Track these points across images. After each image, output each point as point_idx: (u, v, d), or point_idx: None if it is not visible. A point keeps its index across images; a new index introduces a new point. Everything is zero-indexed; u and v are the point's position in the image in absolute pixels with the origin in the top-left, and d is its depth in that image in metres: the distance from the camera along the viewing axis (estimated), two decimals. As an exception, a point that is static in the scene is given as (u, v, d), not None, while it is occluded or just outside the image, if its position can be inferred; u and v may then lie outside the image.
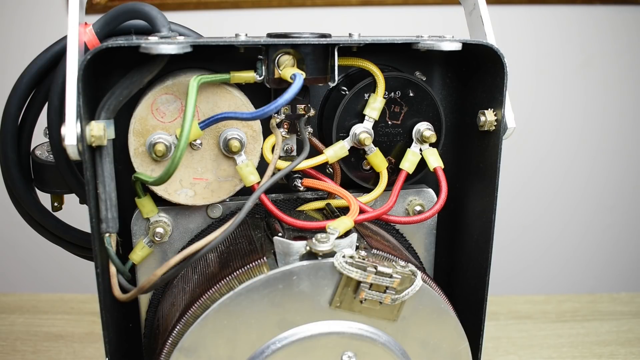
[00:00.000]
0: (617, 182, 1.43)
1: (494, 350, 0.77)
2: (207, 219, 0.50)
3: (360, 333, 0.42)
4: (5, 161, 0.53)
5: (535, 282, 1.47)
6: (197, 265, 0.48)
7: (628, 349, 0.78)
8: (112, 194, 0.42)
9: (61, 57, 0.49)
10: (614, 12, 1.32)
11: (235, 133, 0.46)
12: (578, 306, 0.89)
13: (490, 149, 0.49)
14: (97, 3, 1.18)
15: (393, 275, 0.40)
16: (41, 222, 0.55)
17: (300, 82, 0.42)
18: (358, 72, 0.51)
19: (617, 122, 1.39)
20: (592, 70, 1.35)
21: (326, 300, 0.41)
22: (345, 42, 0.45)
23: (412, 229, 0.55)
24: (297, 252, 0.41)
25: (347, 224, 0.43)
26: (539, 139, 1.37)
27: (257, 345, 0.41)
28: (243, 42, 0.43)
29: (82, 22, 0.45)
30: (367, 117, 0.49)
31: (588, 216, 1.45)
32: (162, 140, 0.45)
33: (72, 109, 0.40)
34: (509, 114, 0.48)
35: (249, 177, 0.46)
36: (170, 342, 0.42)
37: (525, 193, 1.40)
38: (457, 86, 0.54)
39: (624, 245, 1.47)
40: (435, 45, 0.45)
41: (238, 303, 0.40)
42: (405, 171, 0.51)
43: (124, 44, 0.40)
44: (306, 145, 0.46)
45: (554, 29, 1.32)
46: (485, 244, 0.50)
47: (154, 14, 0.46)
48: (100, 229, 0.42)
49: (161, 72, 0.44)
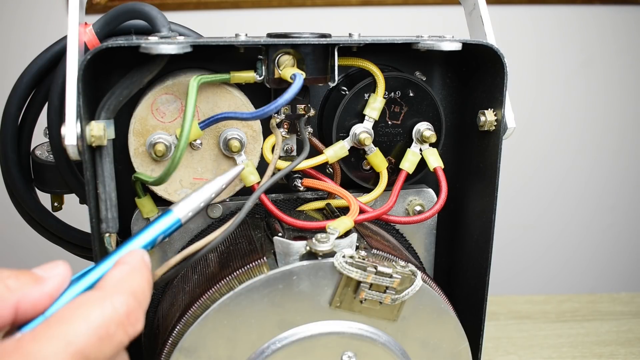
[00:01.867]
0: (617, 182, 1.43)
1: (494, 350, 0.77)
2: (207, 219, 0.50)
3: (360, 333, 0.42)
4: (5, 161, 0.53)
5: (535, 282, 1.47)
6: (197, 265, 0.48)
7: (628, 349, 0.78)
8: (112, 194, 0.42)
9: (61, 57, 0.49)
10: (614, 12, 1.32)
11: (235, 133, 0.46)
12: (578, 306, 0.89)
13: (490, 149, 0.49)
14: (97, 3, 1.18)
15: (393, 275, 0.40)
16: (41, 222, 0.55)
17: (300, 82, 0.42)
18: (358, 72, 0.51)
19: (617, 122, 1.39)
20: (592, 70, 1.35)
21: (326, 300, 0.41)
22: (345, 42, 0.45)
23: (412, 229, 0.55)
24: (297, 252, 0.41)
25: (347, 224, 0.43)
26: (539, 139, 1.37)
27: (257, 345, 0.41)
28: (243, 42, 0.43)
29: (82, 22, 0.45)
30: (367, 117, 0.49)
31: (588, 216, 1.45)
32: (162, 140, 0.45)
33: (72, 109, 0.40)
34: (509, 114, 0.48)
35: (249, 177, 0.46)
36: (170, 342, 0.42)
37: (525, 193, 1.40)
38: (457, 86, 0.54)
39: (624, 245, 1.47)
40: (435, 45, 0.45)
41: (238, 303, 0.40)
42: (405, 171, 0.51)
43: (124, 44, 0.40)
44: (306, 145, 0.46)
45: (554, 29, 1.32)
46: (485, 244, 0.50)
47: (154, 14, 0.46)
48: (100, 229, 0.42)
49: (161, 72, 0.44)
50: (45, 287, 0.31)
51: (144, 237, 0.37)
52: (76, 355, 0.28)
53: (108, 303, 0.30)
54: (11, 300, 0.29)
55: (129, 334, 0.31)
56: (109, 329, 0.29)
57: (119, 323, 0.30)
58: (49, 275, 0.31)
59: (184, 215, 0.39)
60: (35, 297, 0.30)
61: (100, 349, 0.29)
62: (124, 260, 0.34)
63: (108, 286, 0.32)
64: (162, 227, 0.38)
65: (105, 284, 0.32)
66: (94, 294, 0.31)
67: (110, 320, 0.30)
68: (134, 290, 0.32)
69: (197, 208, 0.40)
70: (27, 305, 0.30)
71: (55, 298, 0.31)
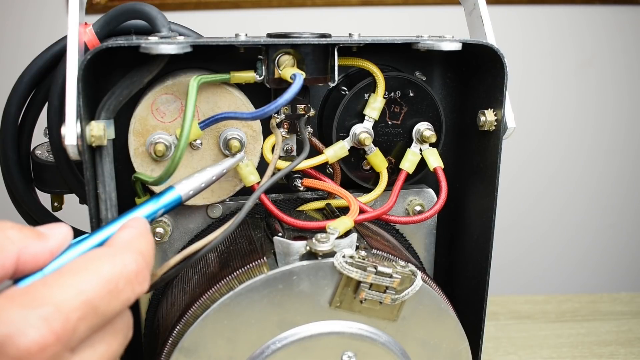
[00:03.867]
0: (617, 182, 1.43)
1: (494, 350, 0.77)
2: (207, 219, 0.50)
3: (360, 333, 0.42)
4: (5, 161, 0.53)
5: (535, 282, 1.47)
6: (197, 265, 0.48)
7: (628, 349, 0.78)
8: (112, 194, 0.42)
9: (61, 57, 0.49)
10: (614, 12, 1.32)
11: (235, 133, 0.46)
12: (578, 306, 0.89)
13: (490, 149, 0.49)
14: (97, 3, 1.19)
15: (393, 275, 0.40)
16: (41, 222, 0.55)
17: (300, 82, 0.42)
18: (358, 72, 0.51)
19: (618, 122, 1.39)
20: (592, 70, 1.35)
21: (326, 300, 0.41)
22: (345, 42, 0.45)
23: (412, 229, 0.55)
24: (297, 252, 0.41)
25: (347, 224, 0.43)
26: (539, 139, 1.37)
27: (257, 345, 0.41)
28: (243, 42, 0.43)
29: (82, 22, 0.45)
30: (367, 117, 0.49)
31: (588, 216, 1.45)
32: (162, 140, 0.45)
33: (72, 109, 0.40)
34: (509, 114, 0.48)
35: (249, 177, 0.46)
36: (170, 342, 0.42)
37: (525, 193, 1.40)
38: (457, 86, 0.54)
39: (624, 245, 1.47)
40: (435, 45, 0.45)
41: (238, 303, 0.40)
42: (405, 171, 0.51)
43: (124, 44, 0.40)
44: (306, 145, 0.46)
45: (554, 29, 1.32)
46: (485, 244, 0.50)
47: (154, 14, 0.46)
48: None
49: (161, 72, 0.44)
50: (48, 243, 0.31)
51: (147, 208, 0.38)
52: (86, 304, 0.29)
53: (119, 259, 0.31)
54: (12, 251, 0.30)
55: (136, 292, 0.31)
56: (119, 284, 0.30)
57: (128, 280, 0.31)
58: (52, 233, 0.32)
59: (185, 193, 0.41)
60: (36, 251, 0.31)
61: (109, 303, 0.30)
62: (130, 224, 0.35)
63: (118, 244, 0.33)
64: (164, 201, 0.39)
65: (115, 242, 0.33)
66: (106, 250, 0.32)
67: (120, 275, 0.30)
68: (142, 251, 0.33)
69: (198, 188, 0.41)
70: (28, 257, 0.30)
71: (56, 255, 0.32)
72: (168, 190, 0.40)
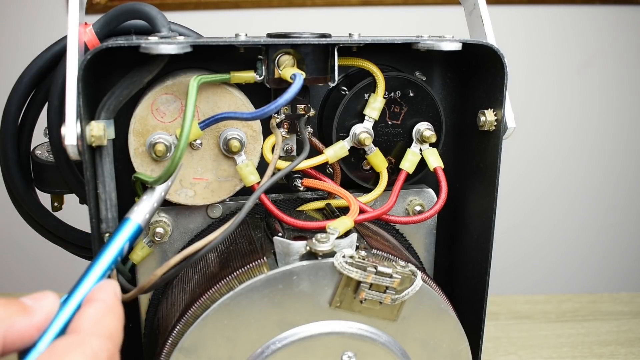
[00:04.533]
0: (617, 182, 1.43)
1: (494, 350, 0.77)
2: (207, 219, 0.50)
3: (360, 333, 0.42)
4: (5, 161, 0.53)
5: (535, 282, 1.47)
6: (197, 265, 0.48)
7: (628, 349, 0.78)
8: (112, 194, 0.42)
9: (61, 57, 0.49)
10: (614, 12, 1.32)
11: (235, 133, 0.46)
12: (578, 306, 0.89)
13: (490, 149, 0.49)
14: (97, 3, 1.19)
15: (393, 275, 0.40)
16: (41, 222, 0.55)
17: (300, 82, 0.42)
18: (358, 72, 0.51)
19: (618, 122, 1.39)
20: (592, 70, 1.35)
21: (326, 300, 0.41)
22: (345, 42, 0.45)
23: (412, 229, 0.55)
24: (297, 252, 0.41)
25: (347, 224, 0.43)
26: (539, 139, 1.37)
27: (257, 345, 0.41)
28: (243, 42, 0.43)
29: (82, 22, 0.45)
30: (367, 117, 0.49)
31: (588, 216, 1.45)
32: (162, 140, 0.45)
33: (72, 109, 0.40)
34: (509, 114, 0.48)
35: (249, 177, 0.46)
36: (170, 342, 0.42)
37: (525, 193, 1.40)
38: (457, 86, 0.54)
39: (624, 245, 1.47)
40: (435, 45, 0.45)
41: (238, 303, 0.40)
42: (405, 171, 0.51)
43: (124, 44, 0.40)
44: (306, 145, 0.46)
45: (554, 29, 1.32)
46: (485, 244, 0.50)
47: (154, 14, 0.46)
48: (100, 229, 0.42)
49: (161, 72, 0.44)
50: (34, 318, 0.31)
51: (112, 249, 0.38)
52: None
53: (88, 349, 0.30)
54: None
55: None
56: None
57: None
58: (38, 306, 0.31)
59: (143, 219, 0.40)
60: (22, 327, 0.30)
61: None
62: (96, 296, 0.33)
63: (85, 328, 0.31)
64: (125, 236, 0.39)
65: (81, 325, 0.31)
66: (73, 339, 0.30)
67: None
68: (110, 333, 0.31)
69: (152, 209, 0.41)
70: (14, 336, 0.30)
71: (43, 329, 0.31)
72: (124, 223, 0.39)
